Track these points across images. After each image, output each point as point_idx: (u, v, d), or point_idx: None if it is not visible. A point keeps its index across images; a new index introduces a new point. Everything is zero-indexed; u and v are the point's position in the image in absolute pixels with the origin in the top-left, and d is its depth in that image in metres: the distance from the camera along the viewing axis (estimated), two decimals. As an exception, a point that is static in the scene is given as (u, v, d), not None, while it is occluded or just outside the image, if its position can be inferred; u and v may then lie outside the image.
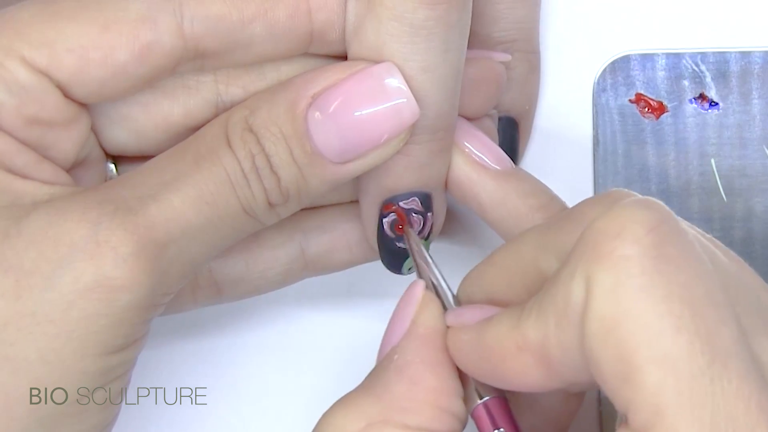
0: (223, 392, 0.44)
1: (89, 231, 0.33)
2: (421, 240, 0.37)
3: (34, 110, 0.35)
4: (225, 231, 0.35)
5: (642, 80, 0.45)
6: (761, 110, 0.45)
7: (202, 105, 0.37)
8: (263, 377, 0.44)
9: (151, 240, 0.33)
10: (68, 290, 0.33)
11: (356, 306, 0.45)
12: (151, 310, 0.34)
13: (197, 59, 0.36)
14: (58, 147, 0.36)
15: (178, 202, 0.34)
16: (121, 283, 0.33)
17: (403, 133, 0.35)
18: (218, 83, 0.37)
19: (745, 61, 0.45)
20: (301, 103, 0.34)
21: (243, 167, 0.34)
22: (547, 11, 0.45)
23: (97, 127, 0.37)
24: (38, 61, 0.34)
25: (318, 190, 0.35)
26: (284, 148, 0.34)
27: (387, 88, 0.34)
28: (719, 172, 0.45)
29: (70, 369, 0.33)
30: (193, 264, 0.35)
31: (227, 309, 0.45)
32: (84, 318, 0.33)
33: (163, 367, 0.44)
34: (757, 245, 0.45)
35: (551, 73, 0.45)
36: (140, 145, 0.37)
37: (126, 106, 0.37)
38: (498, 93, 0.39)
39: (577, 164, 0.45)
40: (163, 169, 0.35)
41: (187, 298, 0.40)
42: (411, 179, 0.37)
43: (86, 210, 0.33)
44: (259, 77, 0.37)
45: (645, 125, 0.45)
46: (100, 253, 0.33)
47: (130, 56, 0.35)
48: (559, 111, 0.45)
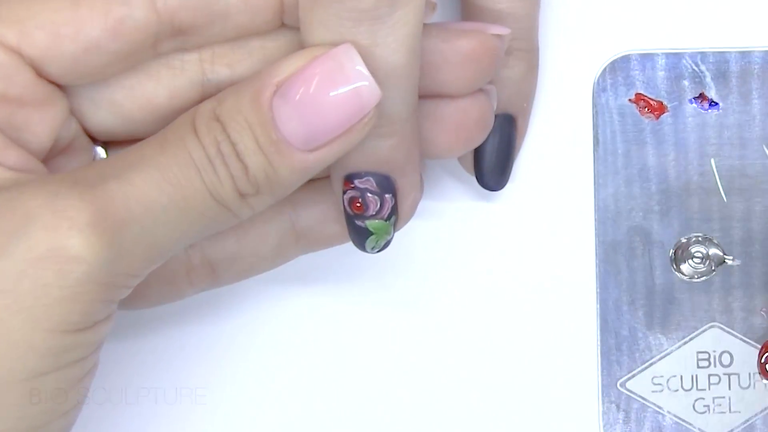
0: (223, 392, 0.44)
1: (46, 200, 0.32)
2: (379, 220, 0.37)
3: (2, 87, 0.34)
4: (193, 216, 0.34)
5: (642, 80, 0.45)
6: (761, 110, 0.45)
7: (187, 85, 0.37)
8: (263, 377, 0.44)
9: (110, 213, 0.33)
10: (21, 259, 0.32)
11: (357, 306, 0.45)
12: (112, 289, 0.34)
13: (177, 36, 0.36)
14: (30, 129, 0.35)
15: (140, 181, 0.33)
16: (75, 252, 0.32)
17: (367, 117, 0.35)
18: (203, 62, 0.37)
19: (745, 61, 0.45)
20: (265, 91, 0.34)
21: (208, 153, 0.34)
22: (547, 11, 0.45)
23: (82, 112, 0.37)
24: (8, 38, 0.34)
25: (288, 179, 0.35)
26: (250, 136, 0.34)
27: (346, 71, 0.34)
28: (719, 172, 0.45)
29: (18, 342, 0.32)
30: (161, 248, 0.35)
31: (228, 310, 0.45)
32: (36, 288, 0.32)
33: (163, 366, 0.44)
34: (757, 245, 0.45)
35: (551, 72, 0.45)
36: (128, 129, 0.37)
37: (109, 89, 0.37)
38: (492, 66, 0.38)
39: (576, 164, 0.45)
40: (129, 153, 0.34)
41: (182, 280, 0.39)
42: (359, 159, 0.37)
43: (45, 184, 0.33)
44: (245, 55, 0.37)
45: (645, 125, 0.45)
46: (55, 222, 0.32)
47: (102, 31, 0.35)
48: (558, 111, 0.45)
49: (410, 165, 0.37)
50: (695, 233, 0.45)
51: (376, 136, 0.36)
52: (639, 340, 0.45)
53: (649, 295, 0.45)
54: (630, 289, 0.45)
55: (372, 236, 0.38)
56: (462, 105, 0.38)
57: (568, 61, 0.45)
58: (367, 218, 0.37)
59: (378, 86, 0.34)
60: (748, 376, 0.45)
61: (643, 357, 0.45)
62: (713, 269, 0.45)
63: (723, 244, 0.45)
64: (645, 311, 0.45)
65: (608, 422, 0.44)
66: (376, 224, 0.38)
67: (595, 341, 0.45)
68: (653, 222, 0.45)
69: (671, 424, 0.44)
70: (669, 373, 0.45)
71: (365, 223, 0.38)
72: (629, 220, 0.45)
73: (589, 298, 0.45)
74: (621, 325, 0.45)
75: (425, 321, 0.45)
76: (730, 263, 0.45)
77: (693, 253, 0.45)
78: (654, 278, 0.45)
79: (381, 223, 0.37)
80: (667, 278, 0.45)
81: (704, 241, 0.45)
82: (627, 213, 0.45)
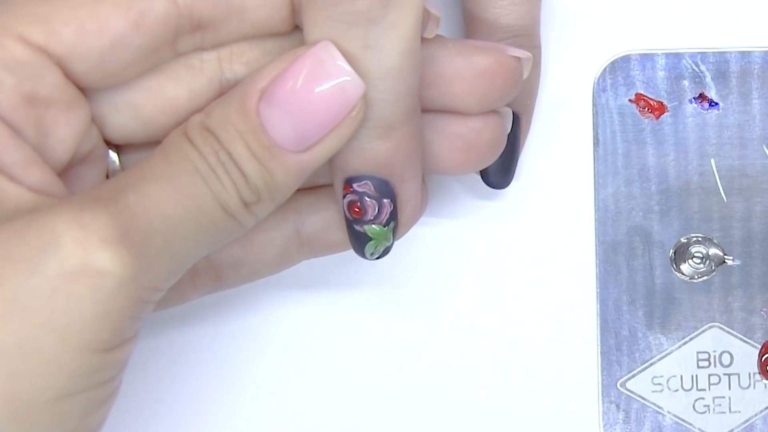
0: (223, 392, 0.44)
1: (73, 216, 0.32)
2: (378, 225, 0.37)
3: (32, 87, 0.34)
4: (207, 227, 0.35)
5: (642, 80, 0.45)
6: (761, 110, 0.45)
7: (206, 85, 0.37)
8: (264, 378, 0.44)
9: (134, 227, 0.33)
10: (53, 275, 0.32)
11: (358, 308, 0.45)
12: (140, 304, 0.33)
13: (196, 32, 0.36)
14: (56, 135, 0.35)
15: (155, 194, 0.33)
16: (107, 266, 0.32)
17: (354, 110, 0.35)
18: (222, 61, 0.37)
19: (745, 61, 0.45)
20: (251, 98, 0.34)
21: (209, 162, 0.34)
22: (548, 11, 0.45)
23: (103, 118, 0.37)
24: (36, 37, 0.34)
25: (286, 182, 0.35)
26: (242, 145, 0.34)
27: (327, 67, 0.34)
28: (719, 172, 0.45)
29: (50, 362, 0.32)
30: (182, 260, 0.35)
31: (228, 311, 0.45)
32: (69, 305, 0.32)
33: (163, 366, 0.44)
34: (757, 245, 0.45)
35: (551, 72, 0.45)
36: (147, 132, 0.37)
37: (130, 92, 0.37)
38: (507, 87, 0.38)
39: (577, 164, 0.45)
40: (137, 169, 0.34)
41: (187, 285, 0.39)
42: (357, 161, 0.37)
43: (69, 202, 0.33)
44: (263, 54, 0.37)
45: (645, 125, 0.45)
46: (84, 237, 0.32)
47: (126, 25, 0.35)
48: (559, 111, 0.45)
49: (410, 172, 0.37)
50: (695, 233, 0.45)
51: (373, 138, 0.36)
52: (639, 340, 0.45)
53: (649, 295, 0.45)
54: (630, 289, 0.45)
55: (371, 242, 0.38)
56: (474, 124, 0.38)
57: (568, 61, 0.45)
58: (366, 223, 0.37)
59: (362, 81, 0.34)
60: (748, 376, 0.45)
61: (643, 357, 0.45)
62: (713, 269, 0.45)
63: (723, 244, 0.45)
64: (645, 311, 0.45)
65: (608, 422, 0.44)
66: (374, 230, 0.38)
67: (595, 341, 0.45)
68: (653, 222, 0.45)
69: (671, 424, 0.44)
70: (669, 373, 0.45)
71: (364, 228, 0.38)
72: (629, 220, 0.45)
73: (589, 298, 0.45)
74: (621, 325, 0.45)
75: (425, 319, 0.45)
76: (730, 263, 0.45)
77: (693, 253, 0.45)
78: (654, 278, 0.45)
79: (379, 228, 0.37)
80: (667, 278, 0.45)
81: (704, 241, 0.45)
82: (627, 213, 0.45)
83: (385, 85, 0.35)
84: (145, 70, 0.36)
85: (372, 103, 0.35)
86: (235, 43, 0.37)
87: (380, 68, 0.35)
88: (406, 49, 0.35)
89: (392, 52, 0.35)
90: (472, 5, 0.42)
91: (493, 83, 0.37)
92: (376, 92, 0.35)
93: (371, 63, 0.35)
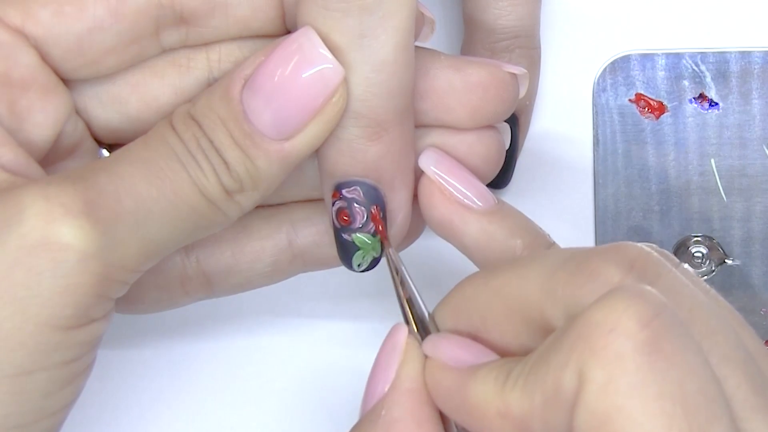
0: (223, 392, 0.44)
1: (39, 190, 0.32)
2: (366, 234, 0.37)
3: (4, 67, 0.34)
4: (185, 212, 0.34)
5: (642, 80, 0.45)
6: (761, 110, 0.45)
7: (193, 84, 0.37)
8: (264, 378, 0.44)
9: (102, 203, 0.32)
10: (14, 247, 0.31)
11: (356, 313, 0.45)
12: (107, 283, 0.33)
13: (180, 25, 0.36)
14: (32, 120, 0.35)
15: (128, 175, 0.33)
16: (69, 240, 0.32)
17: (335, 96, 0.35)
18: (210, 60, 0.37)
19: (745, 61, 0.45)
20: (235, 86, 0.34)
21: (189, 147, 0.34)
22: (548, 11, 0.45)
23: (88, 111, 0.37)
24: (12, 18, 0.34)
25: (268, 171, 0.35)
26: (224, 132, 0.34)
27: (306, 51, 0.34)
28: (719, 172, 0.45)
29: (8, 336, 0.31)
30: (156, 243, 0.34)
31: (227, 311, 0.45)
32: (29, 278, 0.31)
33: (162, 366, 0.44)
34: (757, 245, 0.45)
35: (551, 72, 0.45)
36: (134, 128, 0.37)
37: (115, 86, 0.37)
38: (501, 103, 0.37)
39: (577, 164, 0.45)
40: (115, 153, 0.34)
41: (177, 289, 0.39)
42: (345, 162, 0.36)
43: (39, 180, 0.33)
44: (252, 54, 0.37)
45: (645, 125, 0.45)
46: (48, 210, 0.32)
47: (104, 10, 0.35)
48: (559, 111, 0.45)
49: (399, 179, 0.37)
50: (695, 233, 0.45)
51: (363, 138, 0.36)
52: (639, 340, 0.45)
53: (649, 295, 0.45)
54: (630, 289, 0.45)
55: (358, 252, 0.38)
56: (467, 139, 0.38)
57: (569, 62, 0.45)
58: (354, 231, 0.37)
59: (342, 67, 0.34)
60: (748, 376, 0.45)
61: (643, 357, 0.45)
62: (713, 269, 0.45)
63: (723, 244, 0.45)
64: (645, 311, 0.45)
65: (608, 422, 0.44)
66: (362, 239, 0.37)
67: (595, 341, 0.45)
68: (653, 222, 0.45)
69: (671, 424, 0.45)
70: (669, 373, 0.45)
71: (351, 237, 0.37)
72: (629, 220, 0.45)
73: (589, 298, 0.45)
74: (621, 325, 0.45)
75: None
76: (730, 263, 0.45)
77: (693, 253, 0.45)
78: (654, 278, 0.45)
79: (368, 237, 0.37)
80: (667, 278, 0.45)
81: (704, 241, 0.45)
82: (627, 213, 0.45)
83: (379, 78, 0.35)
84: (126, 61, 0.36)
85: (364, 98, 0.35)
86: (223, 44, 0.37)
87: (374, 59, 0.35)
88: (400, 41, 0.35)
89: (387, 43, 0.34)
90: (472, 7, 0.42)
91: (486, 96, 0.37)
92: (368, 86, 0.35)
93: (365, 54, 0.34)
